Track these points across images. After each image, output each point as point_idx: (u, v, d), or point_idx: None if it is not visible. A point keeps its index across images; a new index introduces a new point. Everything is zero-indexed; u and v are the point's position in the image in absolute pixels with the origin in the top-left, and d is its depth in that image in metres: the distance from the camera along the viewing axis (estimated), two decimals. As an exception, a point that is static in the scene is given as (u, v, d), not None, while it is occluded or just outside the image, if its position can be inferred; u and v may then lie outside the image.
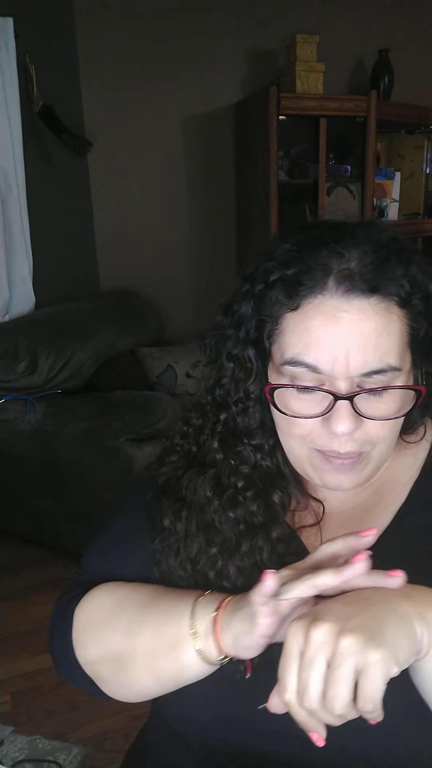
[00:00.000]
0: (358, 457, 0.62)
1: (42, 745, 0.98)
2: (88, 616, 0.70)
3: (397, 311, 0.58)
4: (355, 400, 0.58)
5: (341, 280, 0.57)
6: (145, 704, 0.78)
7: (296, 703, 0.48)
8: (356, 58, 3.31)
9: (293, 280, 0.59)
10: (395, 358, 0.58)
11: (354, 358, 0.57)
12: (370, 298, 0.57)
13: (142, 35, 2.92)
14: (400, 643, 0.47)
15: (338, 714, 0.47)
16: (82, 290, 2.98)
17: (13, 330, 2.40)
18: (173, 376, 2.76)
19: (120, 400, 2.33)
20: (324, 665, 0.47)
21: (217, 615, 0.59)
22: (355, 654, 0.46)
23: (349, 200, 3.12)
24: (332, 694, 0.46)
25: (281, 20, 3.07)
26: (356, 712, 0.47)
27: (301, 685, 0.48)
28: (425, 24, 3.38)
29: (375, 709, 0.46)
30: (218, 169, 3.25)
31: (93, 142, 2.82)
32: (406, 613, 0.49)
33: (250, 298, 0.64)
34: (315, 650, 0.47)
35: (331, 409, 0.58)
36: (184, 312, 3.31)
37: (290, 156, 3.11)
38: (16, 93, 2.50)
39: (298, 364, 0.59)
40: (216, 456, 0.68)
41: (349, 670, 0.46)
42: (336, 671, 0.46)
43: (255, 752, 0.66)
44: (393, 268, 0.58)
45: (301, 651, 0.48)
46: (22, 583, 2.30)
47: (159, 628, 0.63)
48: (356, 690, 0.46)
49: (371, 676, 0.45)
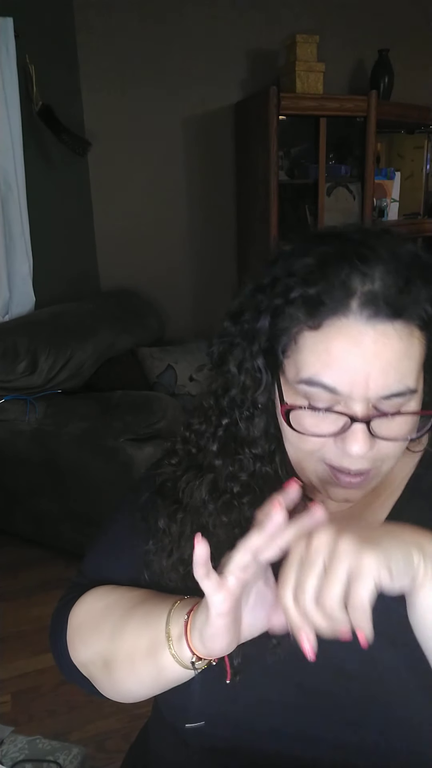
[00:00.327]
0: (367, 473, 0.61)
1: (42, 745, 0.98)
2: (79, 620, 0.72)
3: (418, 334, 0.57)
4: (371, 423, 0.57)
5: (365, 304, 0.55)
6: (146, 704, 0.78)
7: (292, 603, 0.50)
8: (356, 58, 3.31)
9: (315, 299, 0.57)
10: (413, 380, 0.58)
11: (375, 381, 0.56)
12: (394, 322, 0.56)
13: (142, 35, 2.92)
14: (394, 554, 0.50)
15: (329, 612, 0.49)
16: (82, 290, 2.98)
17: (13, 330, 2.40)
18: (173, 376, 2.76)
19: (120, 400, 2.33)
20: (321, 566, 0.50)
21: (188, 618, 0.59)
22: (351, 554, 0.49)
23: (349, 200, 3.12)
24: (325, 593, 0.49)
25: (281, 20, 3.07)
26: (347, 618, 0.49)
27: (297, 582, 0.50)
28: (425, 24, 3.38)
29: (363, 612, 0.48)
30: (218, 169, 3.25)
31: (93, 142, 2.82)
32: (405, 539, 0.52)
33: (267, 312, 0.61)
34: (315, 551, 0.50)
35: (347, 429, 0.58)
36: (184, 312, 3.31)
37: (290, 156, 3.11)
38: (16, 93, 2.50)
39: (315, 384, 0.57)
40: (215, 461, 0.67)
41: (343, 569, 0.48)
42: (331, 569, 0.49)
43: (254, 751, 0.66)
44: (417, 290, 0.57)
45: (302, 556, 0.51)
46: (22, 583, 2.30)
47: (138, 632, 0.64)
48: (349, 593, 0.49)
49: (363, 577, 0.48)
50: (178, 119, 3.09)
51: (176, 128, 3.11)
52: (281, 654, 0.63)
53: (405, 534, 0.53)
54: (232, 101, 3.15)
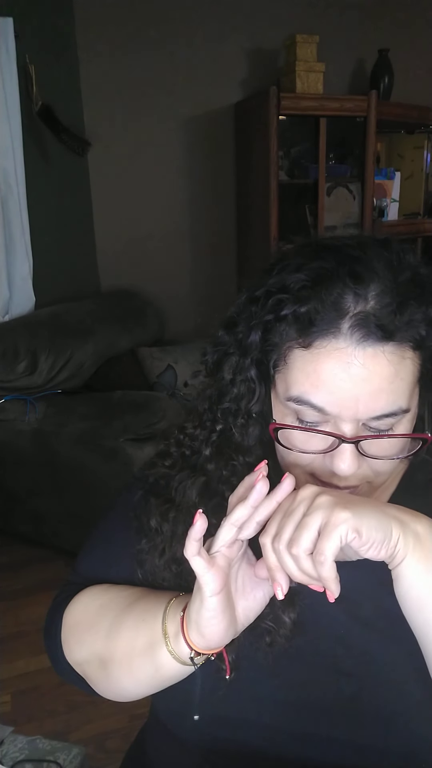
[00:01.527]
0: (355, 488, 0.61)
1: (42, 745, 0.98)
2: (74, 619, 0.72)
3: (411, 355, 0.57)
4: (360, 443, 0.57)
5: (356, 327, 0.54)
6: (145, 704, 0.78)
7: (270, 544, 0.54)
8: (356, 58, 3.31)
9: (306, 318, 0.56)
10: (406, 400, 0.57)
11: (364, 404, 0.55)
12: (385, 345, 0.55)
13: (142, 35, 2.92)
14: (369, 519, 0.51)
15: (295, 554, 0.52)
16: (82, 290, 2.98)
17: (13, 330, 2.40)
18: (173, 376, 2.76)
19: (120, 400, 2.33)
20: (300, 515, 0.53)
21: (184, 614, 0.59)
22: (325, 508, 0.51)
23: (349, 200, 3.12)
24: (296, 536, 0.52)
25: (281, 20, 3.07)
26: (313, 569, 0.51)
27: (278, 529, 0.54)
28: (425, 24, 3.38)
29: (326, 566, 0.50)
30: (218, 169, 3.25)
31: (93, 142, 2.82)
32: (387, 512, 0.54)
33: (258, 327, 0.61)
34: (297, 503, 0.54)
35: (335, 448, 0.58)
36: (184, 312, 3.31)
37: (290, 156, 3.10)
38: (16, 93, 2.50)
39: (303, 403, 0.57)
40: (208, 465, 0.67)
41: (316, 520, 0.51)
42: (305, 519, 0.52)
43: (250, 750, 0.66)
44: (412, 311, 0.56)
45: (287, 507, 0.54)
46: (22, 583, 2.30)
47: (135, 631, 0.64)
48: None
49: (330, 529, 0.50)
50: (178, 119, 3.09)
51: (176, 128, 3.11)
52: (276, 652, 0.63)
53: (389, 508, 0.55)
54: (232, 101, 3.15)
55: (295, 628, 0.63)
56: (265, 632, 0.63)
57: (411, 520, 0.54)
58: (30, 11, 2.55)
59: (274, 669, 0.64)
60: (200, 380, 0.70)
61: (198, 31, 3.00)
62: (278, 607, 0.62)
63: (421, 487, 0.69)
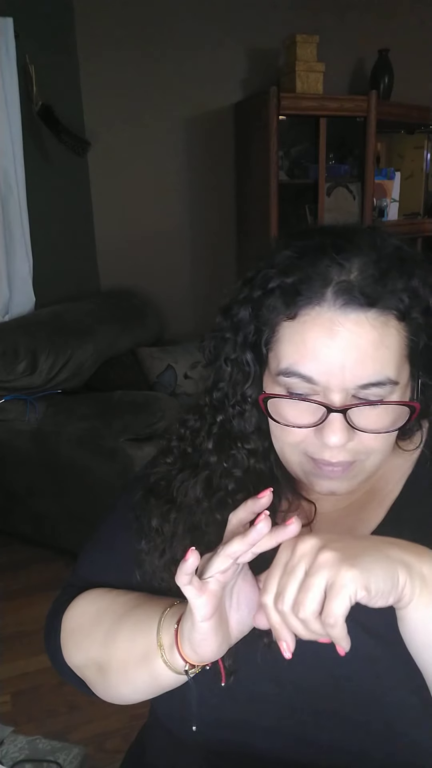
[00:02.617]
0: (349, 465, 0.61)
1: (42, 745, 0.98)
2: (72, 624, 0.72)
3: (395, 324, 0.57)
4: (348, 413, 0.57)
5: (340, 293, 0.56)
6: (145, 704, 0.78)
7: (272, 606, 0.52)
8: (356, 58, 3.31)
9: (292, 289, 0.58)
10: (393, 370, 0.57)
11: (350, 371, 0.56)
12: (368, 311, 0.56)
13: (142, 35, 2.92)
14: (376, 573, 0.49)
15: (303, 618, 0.50)
16: (82, 290, 2.98)
17: (13, 330, 2.40)
18: (173, 376, 2.76)
19: (120, 400, 2.33)
20: (302, 574, 0.50)
21: (178, 626, 0.59)
22: (330, 567, 0.49)
23: (349, 200, 3.12)
24: (301, 599, 0.49)
25: (281, 20, 3.07)
26: (322, 627, 0.49)
27: (279, 588, 0.51)
28: (425, 24, 3.38)
29: (336, 624, 0.48)
30: (218, 169, 3.25)
31: (93, 142, 2.82)
32: (391, 556, 0.52)
33: (248, 304, 0.62)
34: (297, 559, 0.51)
35: (324, 420, 0.58)
36: (184, 312, 3.31)
37: (290, 156, 3.11)
38: (16, 93, 2.50)
39: (292, 374, 0.58)
40: (210, 458, 0.67)
41: (321, 580, 0.49)
42: (309, 579, 0.49)
43: (251, 751, 0.66)
44: (393, 280, 0.57)
45: (286, 562, 0.52)
46: (22, 583, 2.30)
47: (130, 641, 0.64)
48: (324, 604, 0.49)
49: (337, 590, 0.48)
50: (178, 119, 3.09)
51: (176, 128, 3.10)
52: (274, 654, 0.63)
53: (393, 550, 0.52)
54: (232, 101, 3.15)
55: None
56: (263, 633, 0.62)
57: (416, 561, 0.52)
58: (30, 11, 2.55)
59: (273, 671, 0.64)
60: (200, 371, 0.71)
61: (198, 31, 3.00)
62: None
63: (426, 492, 0.68)
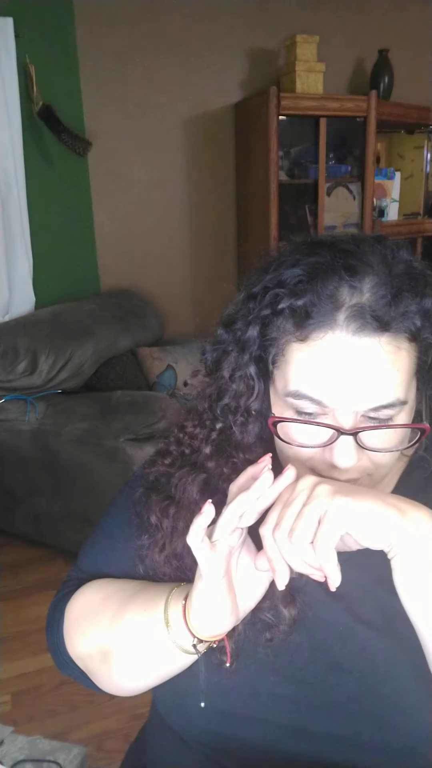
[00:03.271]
0: (355, 481, 0.61)
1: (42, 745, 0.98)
2: (77, 613, 0.72)
3: (407, 346, 0.57)
4: (358, 435, 0.57)
5: (352, 318, 0.55)
6: (145, 704, 0.79)
7: (270, 535, 0.54)
8: (356, 58, 3.31)
9: (302, 312, 0.57)
10: (403, 391, 0.57)
11: (361, 395, 0.56)
12: (381, 336, 0.55)
13: (142, 35, 2.92)
14: (368, 509, 0.52)
15: (296, 546, 0.52)
16: (82, 290, 2.99)
17: (13, 330, 2.39)
18: (173, 376, 2.76)
19: (120, 400, 2.33)
20: (300, 505, 0.53)
21: (186, 602, 0.60)
22: (324, 497, 0.52)
23: (349, 200, 3.12)
24: (295, 526, 0.52)
25: (281, 20, 3.07)
26: (315, 558, 0.51)
27: (277, 519, 0.54)
28: (425, 24, 3.38)
29: (326, 552, 0.50)
30: (218, 169, 3.25)
31: (93, 142, 2.82)
32: (386, 500, 0.54)
33: (256, 322, 0.61)
34: (296, 493, 0.54)
35: (334, 441, 0.58)
36: (184, 312, 3.31)
37: (290, 156, 3.11)
38: (16, 93, 2.50)
39: (302, 397, 0.58)
40: (207, 463, 0.67)
41: (315, 509, 0.52)
42: (304, 508, 0.52)
43: (252, 746, 0.66)
44: (406, 302, 0.56)
45: (287, 498, 0.54)
46: (22, 583, 2.30)
47: (137, 621, 0.65)
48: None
49: (329, 518, 0.51)
50: (178, 119, 3.09)
51: (176, 128, 3.11)
52: (276, 647, 0.64)
53: (389, 497, 0.54)
54: (232, 101, 3.15)
55: (294, 624, 0.63)
56: (265, 627, 0.63)
57: (410, 509, 0.54)
58: (30, 11, 2.55)
59: (274, 665, 0.65)
60: (200, 379, 0.70)
61: (198, 31, 3.00)
62: (279, 601, 0.63)
63: (419, 485, 0.69)
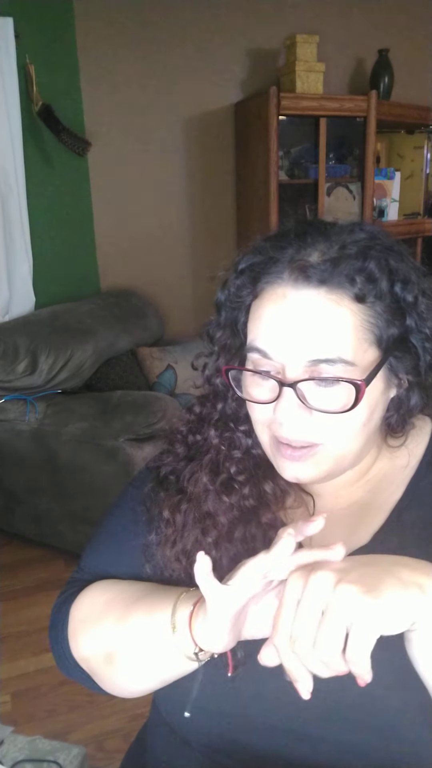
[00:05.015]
0: (309, 449, 0.62)
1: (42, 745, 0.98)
2: (82, 614, 0.72)
3: (349, 304, 0.58)
4: (302, 390, 0.59)
5: (294, 270, 0.59)
6: (145, 704, 0.78)
7: (287, 647, 0.49)
8: (356, 58, 3.31)
9: (257, 269, 0.62)
10: (347, 351, 0.58)
11: (301, 344, 0.58)
12: (319, 288, 0.58)
13: (142, 35, 2.92)
14: (396, 602, 0.48)
15: (325, 661, 0.47)
16: (82, 290, 2.99)
17: (13, 330, 2.40)
18: (173, 376, 2.76)
19: (120, 400, 2.33)
20: (319, 612, 0.47)
21: (194, 609, 0.59)
22: (350, 603, 0.46)
23: (349, 200, 3.12)
24: (322, 640, 0.47)
25: (281, 20, 3.07)
26: (345, 664, 0.47)
27: (294, 629, 0.48)
28: (425, 24, 3.37)
29: (362, 661, 0.46)
30: (218, 168, 3.25)
31: (93, 142, 2.82)
32: (406, 580, 0.50)
33: (225, 286, 0.67)
34: (311, 596, 0.48)
35: (278, 396, 0.60)
36: (184, 312, 3.31)
37: (290, 156, 3.11)
38: (16, 93, 2.50)
39: (253, 350, 0.61)
40: (212, 441, 0.70)
41: (342, 619, 0.46)
42: (329, 618, 0.47)
43: (253, 749, 0.66)
44: (349, 263, 0.59)
45: (298, 598, 0.49)
46: (22, 583, 2.30)
47: (142, 624, 0.64)
48: (347, 641, 0.47)
49: (362, 627, 0.46)
50: (178, 119, 3.09)
51: (176, 128, 3.11)
52: None
53: (404, 572, 0.50)
54: (232, 101, 3.15)
55: None
56: None
57: (428, 581, 0.50)
58: (30, 11, 2.56)
59: (277, 669, 0.64)
60: (202, 361, 0.73)
61: (198, 31, 3.00)
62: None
63: (427, 493, 0.68)
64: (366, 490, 0.71)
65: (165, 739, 0.75)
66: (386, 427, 0.68)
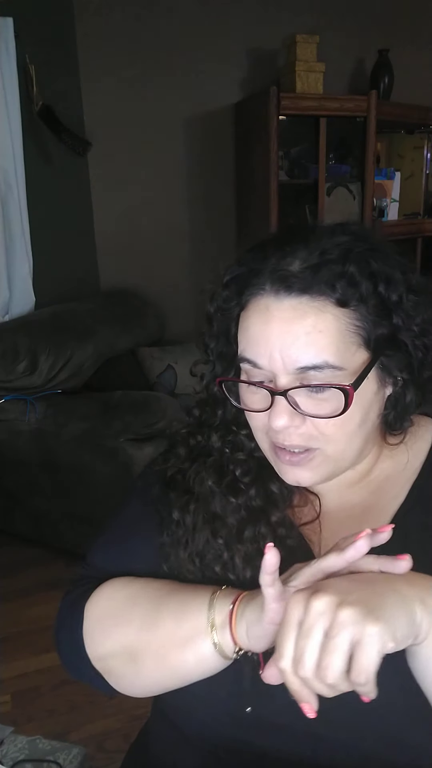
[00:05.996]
0: (307, 453, 0.63)
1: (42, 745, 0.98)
2: (99, 612, 0.70)
3: (332, 310, 0.59)
4: (293, 397, 0.60)
5: (276, 281, 0.60)
6: (145, 704, 0.78)
7: (291, 671, 0.49)
8: (356, 58, 3.31)
9: (241, 280, 0.63)
10: (333, 356, 0.59)
11: (287, 354, 0.59)
12: (300, 297, 0.59)
13: (142, 35, 2.92)
14: (399, 621, 0.48)
15: (330, 684, 0.47)
16: (82, 290, 2.98)
17: (13, 330, 2.40)
18: (173, 376, 2.76)
19: (120, 400, 2.33)
20: (321, 634, 0.48)
21: (234, 608, 0.59)
22: (353, 625, 0.47)
23: (349, 200, 3.12)
24: (326, 664, 0.47)
25: (281, 20, 3.07)
26: (350, 685, 0.47)
27: (297, 652, 0.48)
28: (425, 24, 3.37)
29: (368, 682, 0.46)
30: (218, 169, 3.25)
31: (93, 142, 2.82)
32: (407, 596, 0.50)
33: (214, 298, 0.68)
34: (314, 619, 0.48)
35: (271, 404, 0.61)
36: (184, 312, 3.31)
37: (290, 156, 3.10)
38: (16, 93, 2.50)
39: (243, 360, 0.63)
40: (215, 444, 0.71)
41: (345, 641, 0.47)
42: (332, 641, 0.47)
43: (256, 748, 0.66)
44: (329, 269, 0.59)
45: (300, 620, 0.49)
46: (22, 583, 2.30)
47: (176, 621, 0.63)
48: (351, 663, 0.47)
49: (366, 649, 0.46)
50: (178, 119, 3.09)
51: (176, 128, 3.11)
52: None
53: (405, 588, 0.51)
54: (232, 101, 3.15)
55: None
56: None
57: (428, 595, 0.51)
58: (30, 11, 2.55)
59: None
60: (201, 368, 0.74)
61: (198, 31, 3.00)
62: None
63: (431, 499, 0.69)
64: (369, 491, 0.71)
65: (165, 739, 0.75)
66: (385, 425, 0.68)
